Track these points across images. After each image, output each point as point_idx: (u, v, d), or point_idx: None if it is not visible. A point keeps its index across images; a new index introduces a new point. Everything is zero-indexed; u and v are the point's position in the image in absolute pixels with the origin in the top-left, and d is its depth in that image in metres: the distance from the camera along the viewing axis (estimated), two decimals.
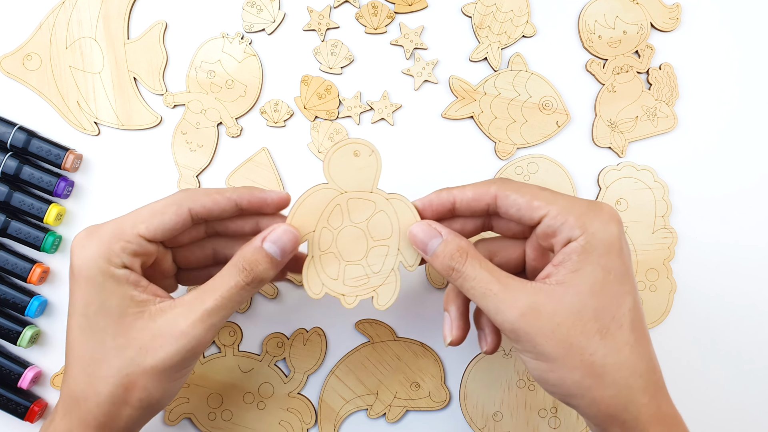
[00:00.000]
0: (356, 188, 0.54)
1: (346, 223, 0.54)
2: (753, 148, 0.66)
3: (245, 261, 0.50)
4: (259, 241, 0.51)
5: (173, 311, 0.49)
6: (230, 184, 0.63)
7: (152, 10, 0.65)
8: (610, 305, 0.46)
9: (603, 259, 0.47)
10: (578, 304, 0.46)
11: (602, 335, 0.46)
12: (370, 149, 0.54)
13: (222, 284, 0.50)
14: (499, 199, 0.50)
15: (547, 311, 0.46)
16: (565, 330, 0.46)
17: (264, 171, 0.63)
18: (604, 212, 0.48)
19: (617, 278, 0.47)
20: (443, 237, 0.51)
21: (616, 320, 0.46)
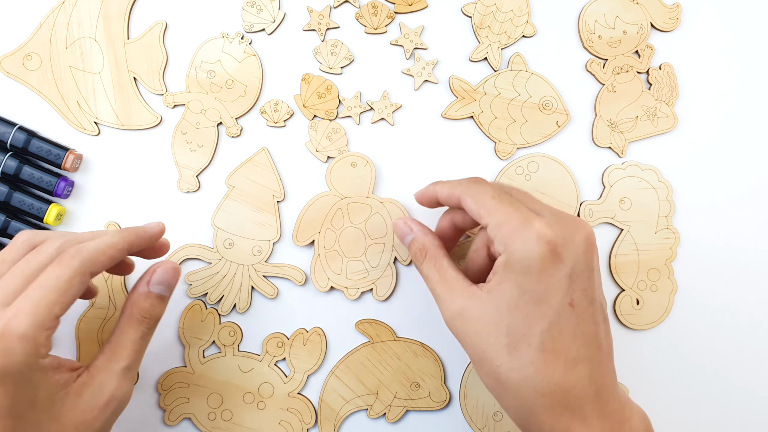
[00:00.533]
0: (354, 194, 0.63)
1: (346, 224, 0.63)
2: (753, 148, 0.66)
3: (141, 310, 0.53)
4: (145, 287, 0.54)
5: (94, 381, 0.50)
6: (230, 185, 0.63)
7: (152, 10, 0.65)
8: (522, 324, 0.48)
9: (520, 278, 0.48)
10: (495, 317, 0.48)
11: (510, 351, 0.48)
12: (365, 160, 0.64)
13: (128, 339, 0.52)
14: (461, 201, 0.53)
15: (471, 318, 0.50)
16: (481, 339, 0.49)
17: (264, 171, 0.64)
18: (532, 231, 0.48)
19: (532, 299, 0.48)
20: (413, 234, 0.57)
21: (526, 339, 0.48)
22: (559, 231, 0.48)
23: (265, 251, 0.62)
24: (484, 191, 0.52)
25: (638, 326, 0.64)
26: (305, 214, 0.63)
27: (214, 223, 0.62)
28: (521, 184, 0.64)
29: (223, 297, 0.62)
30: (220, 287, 0.62)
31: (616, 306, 0.64)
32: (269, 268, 0.62)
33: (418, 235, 0.57)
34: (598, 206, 0.64)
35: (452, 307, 0.51)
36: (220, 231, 0.62)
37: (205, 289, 0.62)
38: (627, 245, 0.64)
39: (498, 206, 0.50)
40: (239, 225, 0.63)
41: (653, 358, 0.65)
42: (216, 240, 0.62)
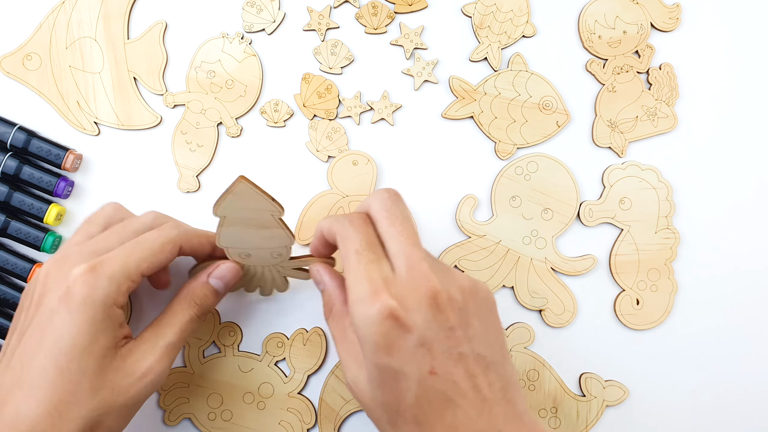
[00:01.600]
0: (356, 193, 0.63)
1: None
2: (753, 148, 0.66)
3: (195, 297, 0.56)
4: (205, 277, 0.57)
5: (139, 349, 0.52)
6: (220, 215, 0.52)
7: (152, 10, 0.66)
8: (392, 401, 0.47)
9: (373, 357, 0.46)
10: (371, 393, 0.48)
11: (392, 426, 0.48)
12: (366, 159, 0.64)
13: (177, 319, 0.54)
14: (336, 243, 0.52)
15: (360, 390, 0.50)
16: (370, 412, 0.50)
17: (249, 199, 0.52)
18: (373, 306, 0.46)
19: (390, 376, 0.46)
20: (324, 286, 0.56)
21: (401, 414, 0.47)
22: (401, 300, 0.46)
23: (284, 254, 0.58)
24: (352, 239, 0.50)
25: (638, 326, 0.64)
26: (306, 213, 0.64)
27: (221, 244, 0.56)
28: (521, 184, 0.64)
29: (260, 288, 0.62)
30: (253, 283, 0.61)
31: (616, 306, 0.64)
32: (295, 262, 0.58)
33: (328, 289, 0.56)
34: (598, 206, 0.65)
35: (348, 374, 0.51)
36: (230, 249, 0.57)
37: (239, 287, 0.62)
38: (627, 245, 0.64)
39: (354, 266, 0.48)
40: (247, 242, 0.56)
41: (653, 358, 0.65)
42: (231, 256, 0.57)
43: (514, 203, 0.65)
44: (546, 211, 0.64)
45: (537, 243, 0.64)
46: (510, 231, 0.65)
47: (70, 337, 0.47)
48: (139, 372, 0.51)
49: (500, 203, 0.65)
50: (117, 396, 0.49)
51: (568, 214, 0.65)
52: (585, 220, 0.64)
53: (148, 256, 0.51)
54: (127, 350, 0.51)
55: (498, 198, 0.65)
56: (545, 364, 0.64)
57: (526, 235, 0.64)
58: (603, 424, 0.65)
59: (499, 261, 0.64)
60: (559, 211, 0.64)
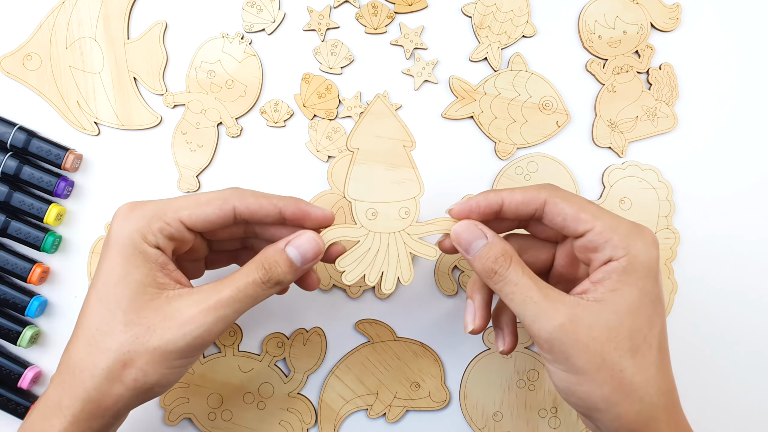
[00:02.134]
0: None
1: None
2: (753, 148, 0.66)
3: (266, 260, 0.51)
4: (282, 244, 0.52)
5: (189, 297, 0.49)
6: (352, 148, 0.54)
7: (152, 10, 0.66)
8: (643, 326, 0.48)
9: (641, 281, 0.48)
10: (615, 321, 0.47)
11: (633, 353, 0.47)
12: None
13: (240, 278, 0.50)
14: (548, 205, 0.50)
15: (584, 325, 0.47)
16: (599, 345, 0.47)
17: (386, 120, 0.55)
18: (647, 236, 0.49)
19: (652, 301, 0.48)
20: (488, 239, 0.51)
21: (647, 341, 0.48)
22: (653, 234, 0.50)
23: (413, 211, 0.55)
24: (575, 195, 0.51)
25: None
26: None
27: (350, 196, 0.55)
28: (521, 184, 0.65)
29: (383, 273, 0.55)
30: (377, 264, 0.55)
31: None
32: (423, 228, 0.55)
33: (495, 240, 0.51)
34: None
35: (557, 316, 0.47)
36: (358, 203, 0.55)
37: (361, 271, 0.55)
38: None
39: (599, 210, 0.50)
40: (377, 190, 0.55)
41: None
42: (357, 213, 0.55)
43: None
44: None
45: None
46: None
47: (106, 267, 0.49)
48: (179, 318, 0.48)
49: None
50: (150, 336, 0.48)
51: None
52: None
53: (191, 203, 0.50)
54: (176, 294, 0.49)
55: None
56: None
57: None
58: None
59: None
60: None
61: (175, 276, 0.50)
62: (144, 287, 0.49)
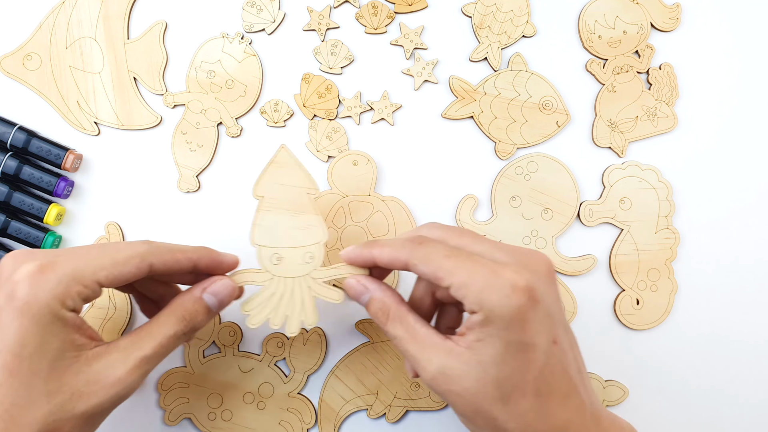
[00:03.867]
0: (356, 192, 0.64)
1: (348, 222, 0.64)
2: (753, 148, 0.67)
3: (185, 311, 0.52)
4: (199, 292, 0.53)
5: (110, 356, 0.49)
6: (258, 195, 0.57)
7: (152, 10, 0.67)
8: (512, 375, 0.47)
9: (502, 332, 0.47)
10: (481, 372, 0.47)
11: (504, 403, 0.47)
12: (366, 159, 0.65)
13: (160, 332, 0.51)
14: (409, 267, 0.51)
15: (455, 376, 0.48)
16: (470, 395, 0.48)
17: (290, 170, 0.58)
18: (505, 283, 0.47)
19: (518, 350, 0.47)
20: (370, 294, 0.54)
21: (519, 389, 0.47)
22: (527, 273, 0.47)
23: (317, 256, 0.57)
24: (433, 252, 0.50)
25: (638, 326, 0.65)
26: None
27: (255, 242, 0.56)
28: (521, 184, 0.65)
29: (287, 317, 0.57)
30: (281, 308, 0.57)
31: (616, 306, 0.65)
32: (327, 272, 0.57)
33: (376, 295, 0.54)
34: (598, 206, 0.65)
35: (431, 367, 0.49)
36: (262, 248, 0.57)
37: (265, 315, 0.56)
38: (627, 245, 0.65)
39: (457, 265, 0.49)
40: (281, 236, 0.57)
41: (653, 358, 0.65)
42: (261, 259, 0.57)
43: (514, 203, 0.65)
44: (546, 211, 0.65)
45: (537, 243, 0.65)
46: (510, 231, 0.65)
47: (17, 337, 0.46)
48: (105, 380, 0.48)
49: (500, 203, 0.65)
50: (76, 402, 0.47)
51: (568, 214, 0.65)
52: (585, 220, 0.65)
53: (107, 264, 0.49)
54: (95, 354, 0.49)
55: (498, 198, 0.65)
56: None
57: (526, 235, 0.65)
58: None
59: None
60: (559, 211, 0.65)
61: (89, 333, 0.50)
62: (63, 353, 0.47)
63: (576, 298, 0.66)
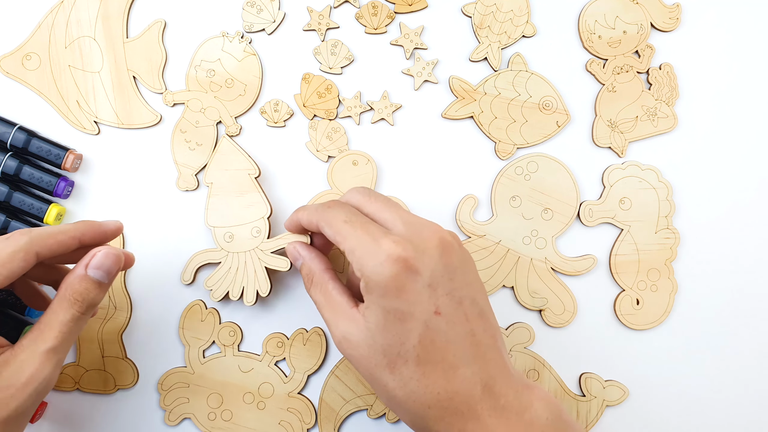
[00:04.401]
0: None
1: None
2: (753, 148, 0.67)
3: (75, 292, 0.53)
4: (82, 269, 0.53)
5: (17, 359, 0.50)
6: (208, 183, 0.65)
7: (151, 8, 0.67)
8: (394, 342, 0.49)
9: (381, 300, 0.49)
10: (370, 339, 0.50)
11: (390, 369, 0.50)
12: (366, 159, 0.66)
13: (57, 320, 0.52)
14: (320, 229, 0.55)
15: (353, 342, 0.52)
16: (365, 361, 0.51)
17: (230, 156, 0.65)
18: (381, 252, 0.49)
19: (397, 317, 0.49)
20: (302, 260, 0.59)
21: (402, 356, 0.49)
22: (408, 244, 0.50)
23: (263, 230, 0.64)
24: (336, 216, 0.53)
25: (638, 326, 0.66)
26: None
27: (209, 224, 0.64)
28: (521, 184, 0.66)
29: (244, 288, 0.64)
30: (237, 281, 0.63)
31: (616, 306, 0.66)
32: (273, 243, 0.63)
33: (306, 261, 0.58)
34: (598, 206, 0.66)
35: (337, 332, 0.53)
36: (216, 228, 0.64)
37: (225, 289, 0.64)
38: (627, 245, 0.66)
39: (350, 231, 0.52)
40: (230, 215, 0.64)
41: (653, 358, 0.66)
42: (216, 238, 0.64)
43: (514, 203, 0.66)
44: (546, 211, 0.66)
45: (537, 243, 0.66)
46: (510, 231, 0.66)
47: None
48: (19, 382, 0.49)
49: (500, 203, 0.66)
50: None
51: (568, 214, 0.66)
52: (585, 220, 0.66)
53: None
54: (3, 361, 0.49)
55: (498, 198, 0.66)
56: (545, 364, 0.66)
57: (526, 235, 0.66)
58: (603, 424, 0.66)
59: (499, 261, 0.66)
60: (559, 211, 0.66)
61: None
62: None
63: (576, 298, 0.66)
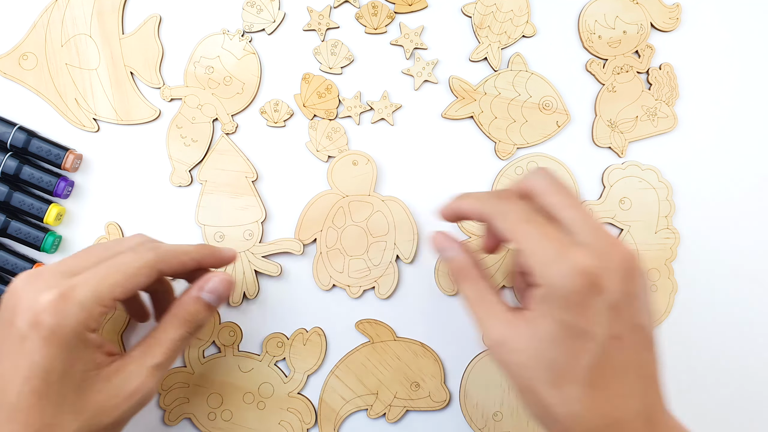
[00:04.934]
0: (356, 192, 0.66)
1: (348, 222, 0.66)
2: (753, 148, 0.68)
3: (187, 313, 0.57)
4: (196, 292, 0.57)
5: (126, 369, 0.53)
6: (202, 180, 0.67)
7: (146, 4, 0.68)
8: (565, 359, 0.47)
9: (558, 312, 0.47)
10: (535, 350, 0.48)
11: (553, 384, 0.48)
12: (366, 159, 0.67)
13: (167, 338, 0.55)
14: (490, 221, 0.53)
15: (513, 349, 0.49)
16: (524, 371, 0.49)
17: (229, 156, 0.67)
18: (569, 262, 0.47)
19: (574, 334, 0.47)
20: (452, 252, 0.57)
21: (570, 375, 0.47)
22: (597, 259, 0.47)
23: (256, 233, 0.65)
24: (514, 211, 0.51)
25: None
26: (307, 213, 0.67)
27: (199, 221, 0.66)
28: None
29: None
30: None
31: None
32: (265, 248, 0.66)
33: (455, 252, 0.57)
34: (598, 206, 0.67)
35: (493, 335, 0.51)
36: (207, 227, 0.66)
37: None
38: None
39: (530, 232, 0.49)
40: (223, 216, 0.66)
41: None
42: (206, 237, 0.66)
43: None
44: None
45: None
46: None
47: (44, 363, 0.48)
48: (125, 393, 0.52)
49: None
50: (102, 417, 0.51)
51: None
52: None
53: (121, 280, 0.52)
54: (114, 370, 0.52)
55: None
56: None
57: None
58: None
59: (499, 261, 0.67)
60: None
61: (107, 349, 0.53)
62: (86, 374, 0.51)
63: None
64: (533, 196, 0.52)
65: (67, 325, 0.49)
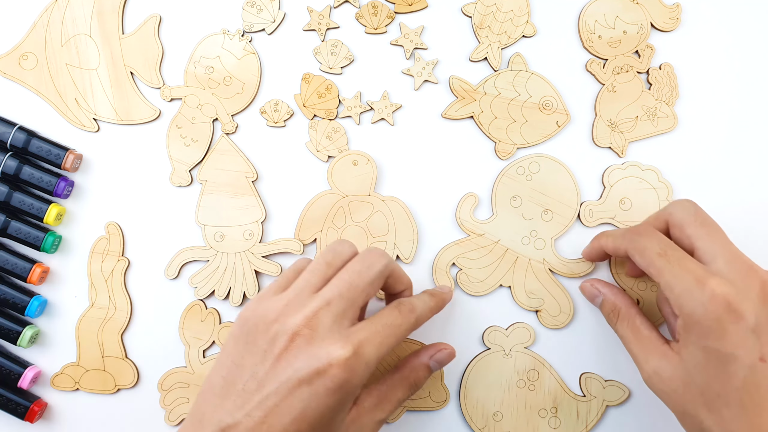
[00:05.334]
0: (356, 192, 0.66)
1: (348, 222, 0.66)
2: (753, 148, 0.69)
3: (417, 378, 0.61)
4: (426, 359, 0.62)
5: (360, 421, 0.56)
6: (202, 180, 0.68)
7: (146, 4, 0.69)
8: (714, 384, 0.51)
9: (701, 340, 0.52)
10: (687, 377, 0.53)
11: (708, 408, 0.52)
12: (366, 159, 0.68)
13: (396, 397, 0.59)
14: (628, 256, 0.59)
15: (665, 378, 0.55)
16: (679, 396, 0.54)
17: (229, 156, 0.69)
18: (706, 292, 0.51)
19: (719, 359, 0.51)
20: (602, 296, 0.64)
21: (722, 397, 0.51)
22: (733, 286, 0.51)
23: (256, 233, 0.66)
24: (648, 247, 0.56)
25: None
26: (307, 213, 0.67)
27: (199, 221, 0.67)
28: (522, 184, 0.67)
29: (231, 288, 0.66)
30: (225, 280, 0.66)
31: None
32: (265, 248, 0.67)
33: (608, 296, 0.63)
34: (598, 206, 0.68)
35: (647, 367, 0.56)
36: (207, 227, 0.67)
37: (211, 287, 0.66)
38: None
39: (666, 265, 0.54)
40: (223, 216, 0.67)
41: None
42: (206, 237, 0.66)
43: (515, 203, 0.68)
44: (546, 212, 0.68)
45: (536, 244, 0.67)
46: (509, 231, 0.68)
47: (320, 412, 0.51)
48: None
49: (501, 203, 0.68)
50: None
51: (568, 216, 0.68)
52: (585, 221, 0.67)
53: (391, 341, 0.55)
54: (352, 419, 0.56)
55: (499, 197, 0.68)
56: (545, 364, 0.67)
57: (525, 236, 0.67)
58: (603, 424, 0.68)
59: (497, 260, 0.68)
60: (560, 213, 0.67)
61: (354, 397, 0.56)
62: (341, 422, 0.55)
63: (573, 299, 0.68)
64: (672, 227, 0.58)
65: (353, 383, 0.52)
